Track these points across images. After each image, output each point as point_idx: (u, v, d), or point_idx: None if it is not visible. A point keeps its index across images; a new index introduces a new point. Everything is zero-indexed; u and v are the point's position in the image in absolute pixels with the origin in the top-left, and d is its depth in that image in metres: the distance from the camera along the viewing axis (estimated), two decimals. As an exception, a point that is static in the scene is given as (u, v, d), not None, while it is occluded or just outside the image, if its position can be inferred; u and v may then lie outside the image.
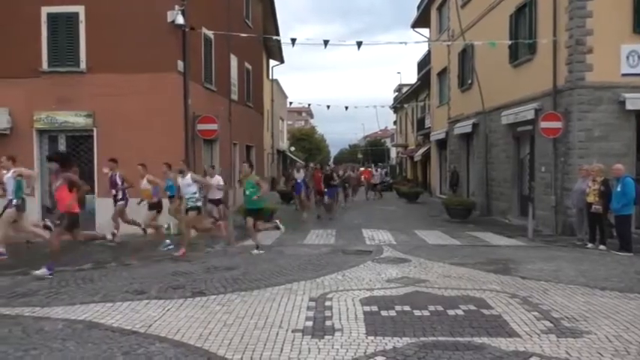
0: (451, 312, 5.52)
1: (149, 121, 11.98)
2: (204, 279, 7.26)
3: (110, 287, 6.78)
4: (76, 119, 12.12)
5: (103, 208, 11.84)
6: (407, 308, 5.67)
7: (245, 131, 18.92)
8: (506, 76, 15.50)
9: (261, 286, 6.83)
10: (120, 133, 11.93)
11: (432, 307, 5.68)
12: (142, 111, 12.00)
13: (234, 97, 17.44)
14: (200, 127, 13.20)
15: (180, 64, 12.28)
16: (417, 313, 5.50)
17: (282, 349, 4.46)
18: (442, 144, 24.45)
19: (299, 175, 16.81)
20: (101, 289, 6.71)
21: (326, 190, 15.90)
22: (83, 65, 12.10)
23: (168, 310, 5.72)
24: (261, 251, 9.41)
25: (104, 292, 6.51)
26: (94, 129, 12.14)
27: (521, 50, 14.58)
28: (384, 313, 5.51)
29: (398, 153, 46.46)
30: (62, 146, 12.32)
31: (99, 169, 11.92)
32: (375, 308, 5.68)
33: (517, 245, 10.62)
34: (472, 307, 5.70)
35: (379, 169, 28.36)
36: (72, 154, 12.16)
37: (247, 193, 9.52)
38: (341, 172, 21.34)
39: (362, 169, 29.70)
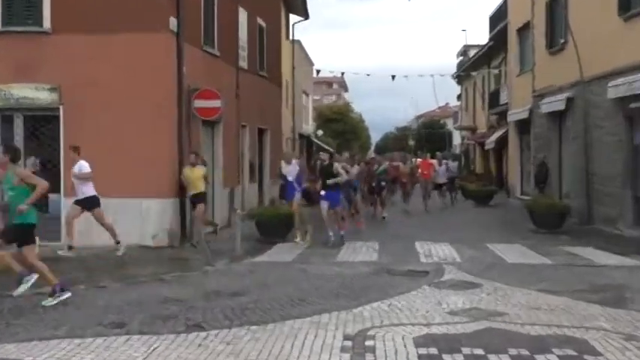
0: (541, 358, 5.42)
1: (132, 97, 12.05)
2: (203, 308, 7.26)
3: (79, 318, 6.81)
4: (37, 94, 12.27)
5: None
6: (478, 351, 5.59)
7: (257, 109, 18.95)
8: (614, 32, 15.07)
9: (278, 318, 6.82)
10: (94, 111, 12.03)
11: (513, 351, 5.59)
12: (122, 83, 12.08)
13: (243, 64, 17.45)
14: (198, 103, 13.23)
15: (172, 21, 12.32)
16: (492, 358, 5.43)
17: (307, 407, 4.39)
18: (524, 126, 24.04)
19: (289, 170, 13.15)
20: (67, 320, 6.74)
21: (322, 192, 12.59)
22: (47, 24, 12.23)
23: (154, 349, 5.73)
24: (24, 286, 7.49)
25: (71, 325, 6.53)
26: (61, 107, 12.28)
27: (635, -4, 14.11)
28: (446, 357, 5.45)
29: (463, 139, 46.07)
30: (19, 129, 12.51)
31: (67, 159, 12.07)
32: (433, 351, 5.63)
33: (632, 266, 10.41)
34: (571, 352, 5.59)
35: (446, 162, 23.69)
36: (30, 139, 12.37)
37: (6, 199, 7.77)
38: (375, 166, 19.00)
39: (418, 160, 26.87)
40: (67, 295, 7.54)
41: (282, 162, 13.70)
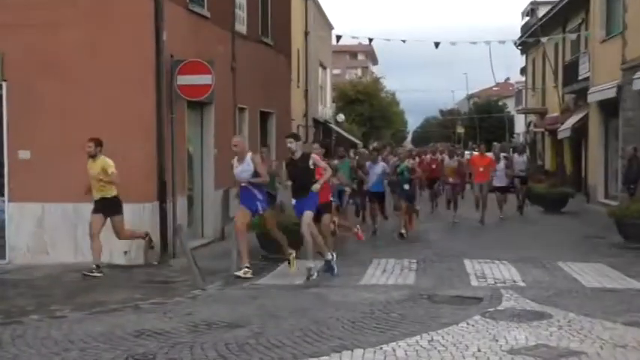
0: (628, 412, 5.42)
1: (97, 71, 12.15)
2: (190, 343, 7.28)
3: (30, 357, 6.84)
4: (-27, 67, 12.41)
5: (19, 218, 12.13)
6: (547, 403, 5.59)
7: (259, 87, 19.00)
8: None
9: (287, 357, 6.84)
10: (47, 89, 12.14)
11: (592, 403, 5.59)
12: (84, 52, 12.19)
13: (242, 28, 17.48)
14: (183, 80, 13.25)
15: (148, -28, 12.41)
16: (565, 411, 5.42)
17: None
18: (610, 108, 23.83)
19: (240, 170, 11.63)
20: (15, 359, 6.79)
21: (293, 201, 11.89)
22: (-15, -25, 12.38)
23: (127, 396, 5.77)
24: None
25: (20, 365, 6.62)
26: (4, 83, 12.40)
27: None
28: (504, 410, 5.44)
29: (529, 124, 45.79)
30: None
31: (10, 152, 12.19)
32: (488, 401, 5.62)
33: None
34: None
35: (505, 155, 22.58)
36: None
37: None
38: (395, 160, 17.77)
39: (475, 153, 25.89)
40: None
41: (235, 158, 11.79)
